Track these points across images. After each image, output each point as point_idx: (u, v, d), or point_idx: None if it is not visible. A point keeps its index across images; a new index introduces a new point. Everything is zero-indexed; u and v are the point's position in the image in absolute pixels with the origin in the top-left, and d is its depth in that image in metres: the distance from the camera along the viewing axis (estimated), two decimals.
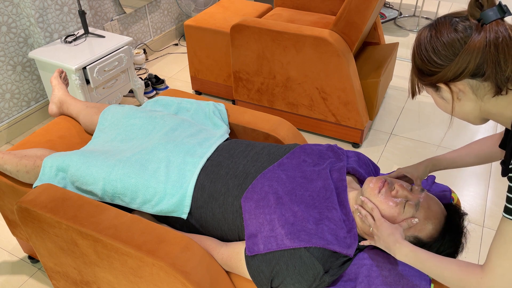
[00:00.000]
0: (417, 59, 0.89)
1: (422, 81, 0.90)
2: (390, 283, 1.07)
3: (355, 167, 1.33)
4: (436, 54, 0.84)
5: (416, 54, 0.89)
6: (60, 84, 1.83)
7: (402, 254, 1.02)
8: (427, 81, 0.89)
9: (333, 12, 2.86)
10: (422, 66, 0.88)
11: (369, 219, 1.11)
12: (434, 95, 0.92)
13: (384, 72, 2.40)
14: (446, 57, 0.83)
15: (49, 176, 1.39)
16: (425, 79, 0.89)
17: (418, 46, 0.88)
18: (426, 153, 2.44)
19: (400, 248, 1.03)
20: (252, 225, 1.15)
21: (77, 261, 1.31)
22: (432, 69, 0.86)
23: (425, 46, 0.86)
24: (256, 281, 1.13)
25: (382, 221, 1.08)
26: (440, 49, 0.84)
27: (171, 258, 1.10)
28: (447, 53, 0.83)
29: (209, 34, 2.68)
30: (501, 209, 2.08)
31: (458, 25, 0.83)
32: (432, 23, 0.89)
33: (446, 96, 0.89)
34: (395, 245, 1.04)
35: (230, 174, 1.28)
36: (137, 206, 1.30)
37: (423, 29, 0.90)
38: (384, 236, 1.06)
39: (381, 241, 1.07)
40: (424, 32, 0.88)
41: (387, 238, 1.06)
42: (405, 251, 1.01)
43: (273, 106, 2.59)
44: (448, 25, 0.84)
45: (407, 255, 1.01)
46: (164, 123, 1.48)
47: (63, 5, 2.51)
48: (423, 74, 0.89)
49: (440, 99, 0.91)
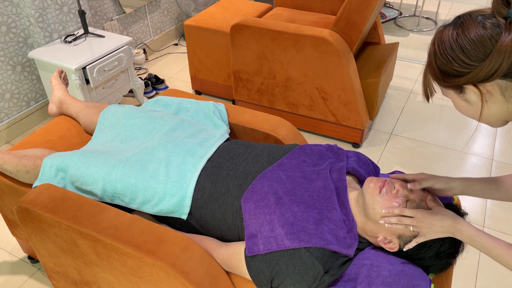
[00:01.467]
0: (440, 60, 0.83)
1: (446, 83, 0.84)
2: (390, 283, 1.07)
3: (355, 167, 1.33)
4: (465, 53, 0.79)
5: (438, 54, 0.83)
6: (60, 84, 1.82)
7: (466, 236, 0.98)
8: (452, 83, 0.83)
9: (333, 12, 2.86)
10: (446, 67, 0.82)
11: (404, 220, 1.06)
12: (457, 98, 0.87)
13: (384, 72, 2.40)
14: (477, 56, 0.78)
15: (49, 176, 1.39)
16: (450, 80, 0.83)
17: (441, 45, 0.82)
18: (426, 153, 2.44)
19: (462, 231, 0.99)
20: (252, 225, 1.15)
21: (77, 261, 1.31)
22: (460, 70, 0.80)
23: (451, 45, 0.81)
24: (256, 282, 1.13)
25: (420, 211, 1.04)
26: (470, 48, 0.79)
27: (171, 258, 1.10)
28: (477, 52, 0.78)
29: (209, 34, 2.68)
30: (501, 209, 2.08)
31: (486, 22, 0.79)
32: (455, 21, 0.83)
33: (471, 98, 0.84)
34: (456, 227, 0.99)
35: (230, 175, 1.28)
36: (137, 206, 1.30)
37: (444, 27, 0.84)
38: (437, 224, 1.01)
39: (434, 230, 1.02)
40: (447, 30, 0.83)
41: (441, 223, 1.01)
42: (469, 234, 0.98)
43: (273, 106, 2.59)
44: (475, 22, 0.80)
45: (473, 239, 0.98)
46: (164, 123, 1.48)
47: (63, 5, 2.51)
48: (448, 75, 0.83)
49: (463, 101, 0.86)
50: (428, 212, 1.03)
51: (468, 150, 2.46)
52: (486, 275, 1.80)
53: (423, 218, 1.03)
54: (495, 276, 1.79)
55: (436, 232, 1.02)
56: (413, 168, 2.33)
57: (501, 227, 1.99)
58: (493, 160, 2.38)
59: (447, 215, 1.02)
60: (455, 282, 1.77)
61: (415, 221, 1.04)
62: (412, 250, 1.11)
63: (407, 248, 1.09)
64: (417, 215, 1.04)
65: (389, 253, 1.15)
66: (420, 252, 1.11)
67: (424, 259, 1.12)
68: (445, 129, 2.63)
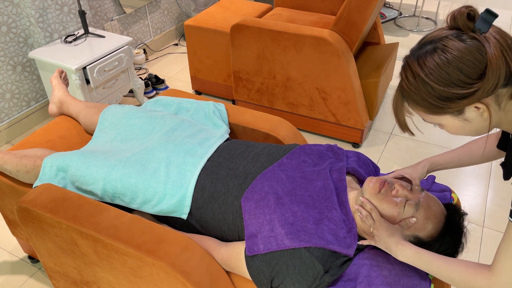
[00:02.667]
0: (438, 88, 0.80)
1: (448, 109, 0.81)
2: (390, 283, 1.07)
3: (354, 167, 1.33)
4: (464, 73, 0.77)
5: (433, 83, 0.80)
6: (60, 84, 1.83)
7: (405, 255, 1.02)
8: (454, 108, 0.80)
9: (333, 12, 2.86)
10: (446, 93, 0.79)
11: (369, 219, 1.11)
12: (453, 120, 0.84)
13: (384, 72, 2.40)
14: (475, 73, 0.77)
15: (49, 176, 1.39)
16: (453, 106, 0.80)
17: (433, 73, 0.80)
18: (426, 153, 2.44)
19: (402, 249, 1.03)
20: (252, 225, 1.15)
21: (77, 261, 1.31)
22: (463, 92, 0.78)
23: (446, 69, 0.79)
24: (256, 281, 1.13)
25: (382, 221, 1.08)
26: (466, 66, 0.77)
27: (171, 258, 1.10)
28: (475, 68, 0.77)
29: (209, 34, 2.69)
30: (501, 209, 2.08)
31: (463, 38, 0.79)
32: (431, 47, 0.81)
33: (471, 116, 0.82)
34: (397, 246, 1.04)
35: (230, 175, 1.28)
36: (137, 206, 1.30)
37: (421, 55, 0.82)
38: (384, 237, 1.06)
39: (382, 242, 1.07)
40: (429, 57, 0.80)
41: (388, 239, 1.06)
42: (407, 253, 1.02)
43: (273, 106, 2.59)
44: (455, 41, 0.79)
45: (410, 257, 1.01)
46: (164, 123, 1.48)
47: (63, 5, 2.51)
48: (450, 101, 0.80)
49: (460, 122, 0.84)
50: (386, 225, 1.07)
51: None
52: None
53: (380, 228, 1.08)
54: None
55: (381, 244, 1.08)
56: None
57: (501, 227, 1.99)
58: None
59: (396, 235, 1.06)
60: None
61: (374, 226, 1.09)
62: None
63: (361, 243, 1.14)
64: (376, 224, 1.08)
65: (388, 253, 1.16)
66: None
67: None
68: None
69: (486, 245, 1.91)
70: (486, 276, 0.88)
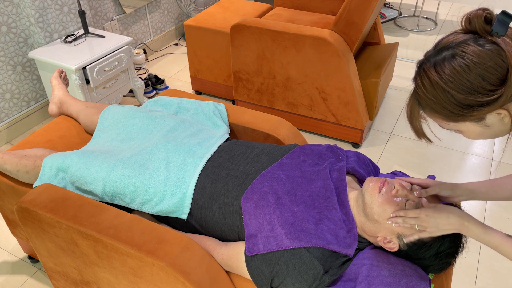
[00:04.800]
0: (457, 95, 0.77)
1: (470, 116, 0.78)
2: (390, 283, 1.07)
3: (354, 167, 1.33)
4: (486, 80, 0.75)
5: (454, 91, 0.77)
6: (60, 84, 1.83)
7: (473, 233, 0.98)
8: (476, 115, 0.78)
9: (333, 12, 2.86)
10: (468, 100, 0.77)
11: (409, 220, 1.05)
12: (473, 126, 0.82)
13: (384, 72, 2.40)
14: (498, 79, 0.75)
15: (49, 176, 1.39)
16: (474, 113, 0.78)
17: (452, 81, 0.77)
18: (426, 153, 2.44)
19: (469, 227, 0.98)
20: (252, 225, 1.15)
21: (77, 261, 1.31)
22: (485, 99, 0.76)
23: (467, 77, 0.76)
24: (256, 281, 1.14)
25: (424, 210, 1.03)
26: (488, 73, 0.75)
27: (171, 258, 1.10)
28: (497, 74, 0.75)
29: (209, 34, 2.69)
30: (501, 209, 2.08)
31: (481, 43, 0.76)
32: (449, 53, 0.78)
33: (491, 121, 0.80)
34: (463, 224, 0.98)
35: (230, 175, 1.28)
36: (137, 206, 1.30)
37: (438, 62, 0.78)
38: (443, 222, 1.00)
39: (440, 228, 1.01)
40: (447, 64, 0.78)
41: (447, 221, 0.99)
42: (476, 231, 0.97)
43: (273, 106, 2.59)
44: (474, 46, 0.76)
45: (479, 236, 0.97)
46: (164, 123, 1.48)
47: (63, 5, 2.51)
48: (472, 108, 0.77)
49: (480, 128, 0.82)
50: (432, 211, 1.02)
51: (468, 150, 2.46)
52: (486, 275, 1.80)
53: (427, 218, 1.02)
54: (495, 276, 1.79)
55: (442, 230, 1.02)
56: (413, 168, 2.33)
57: (501, 227, 1.99)
58: (493, 160, 2.38)
59: (453, 212, 1.00)
60: (455, 282, 1.77)
61: (418, 220, 1.04)
62: (411, 250, 1.11)
63: (408, 240, 1.08)
64: (420, 215, 1.03)
65: (389, 253, 1.16)
66: (420, 252, 1.11)
67: (423, 259, 1.12)
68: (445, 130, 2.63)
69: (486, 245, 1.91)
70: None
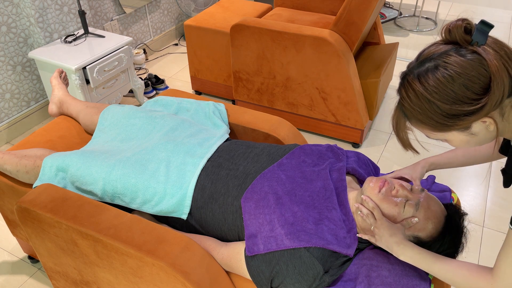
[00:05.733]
0: (443, 106, 0.78)
1: (456, 125, 0.79)
2: (390, 283, 1.07)
3: (354, 167, 1.33)
4: (470, 89, 0.76)
5: (438, 102, 0.78)
6: (60, 84, 1.83)
7: (406, 256, 1.03)
8: (461, 124, 0.79)
9: (333, 12, 2.86)
10: (454, 110, 0.77)
11: (370, 218, 1.11)
12: (459, 135, 0.83)
13: (384, 72, 2.40)
14: (481, 88, 0.76)
15: (49, 176, 1.39)
16: (460, 123, 0.79)
17: (436, 92, 0.77)
18: (426, 153, 2.44)
19: (404, 249, 1.03)
20: (252, 225, 1.15)
21: (77, 261, 1.31)
22: (470, 108, 0.76)
23: (451, 87, 0.77)
24: (256, 281, 1.13)
25: (384, 220, 1.08)
26: (472, 83, 0.76)
27: (171, 258, 1.10)
28: (480, 83, 0.75)
29: (209, 34, 2.68)
30: (501, 209, 2.08)
31: (463, 53, 0.77)
32: (431, 64, 0.79)
33: (477, 129, 0.81)
34: (399, 246, 1.04)
35: (230, 175, 1.28)
36: (137, 206, 1.30)
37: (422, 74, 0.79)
38: (386, 237, 1.06)
39: (383, 241, 1.07)
40: (430, 75, 0.78)
41: (389, 238, 1.05)
42: (409, 253, 1.02)
43: (273, 106, 2.59)
44: (456, 57, 0.77)
45: (412, 257, 1.02)
46: (164, 123, 1.48)
47: (63, 5, 2.51)
48: (458, 118, 0.78)
49: (467, 136, 0.83)
50: (388, 224, 1.07)
51: None
52: None
53: (381, 226, 1.07)
54: None
55: (382, 243, 1.08)
56: None
57: (501, 227, 1.99)
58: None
59: (397, 235, 1.06)
60: None
61: (375, 224, 1.09)
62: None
63: (360, 236, 1.14)
64: (378, 222, 1.08)
65: (388, 253, 1.16)
66: None
67: None
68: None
69: (486, 245, 1.91)
70: (488, 281, 0.89)
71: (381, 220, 1.08)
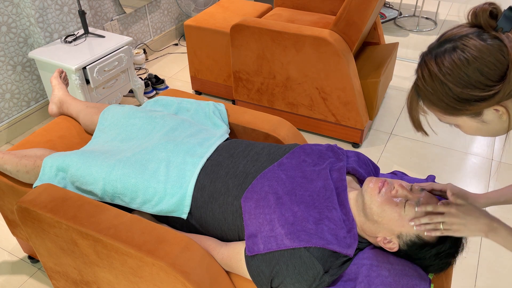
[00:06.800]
0: (455, 88, 0.77)
1: (465, 111, 0.78)
2: (390, 283, 1.07)
3: (355, 167, 1.33)
4: (484, 75, 0.74)
5: (451, 84, 0.77)
6: (60, 84, 1.83)
7: (501, 236, 0.94)
8: (472, 110, 0.77)
9: (333, 12, 2.86)
10: (465, 94, 0.76)
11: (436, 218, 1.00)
12: (470, 122, 0.81)
13: (384, 72, 2.40)
14: (496, 75, 0.74)
15: (49, 176, 1.39)
16: (471, 108, 0.77)
17: (450, 74, 0.77)
18: (426, 153, 2.44)
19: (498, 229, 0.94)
20: (252, 225, 1.15)
21: (77, 261, 1.31)
22: (482, 94, 0.75)
23: (465, 71, 0.75)
24: (256, 281, 1.13)
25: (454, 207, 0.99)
26: (487, 68, 0.74)
27: (171, 258, 1.10)
28: (496, 70, 0.74)
29: (209, 34, 2.69)
30: (501, 209, 2.08)
31: (484, 37, 0.75)
32: (450, 45, 0.78)
33: (489, 118, 0.79)
34: (492, 226, 0.95)
35: (230, 174, 1.28)
36: (137, 206, 1.30)
37: (440, 54, 0.78)
38: (472, 221, 0.96)
39: (468, 227, 0.97)
40: (447, 56, 0.77)
41: (477, 220, 0.96)
42: (504, 234, 0.94)
43: (273, 106, 2.59)
44: (475, 40, 0.75)
45: (506, 239, 0.94)
46: (164, 123, 1.49)
47: (63, 5, 2.51)
48: (468, 102, 0.77)
49: (477, 123, 0.81)
50: (462, 209, 0.98)
51: (468, 150, 2.46)
52: (486, 275, 1.80)
53: (456, 214, 0.97)
54: (495, 276, 1.79)
55: (469, 230, 0.97)
56: (413, 168, 2.33)
57: None
58: (493, 160, 2.38)
59: (483, 213, 0.97)
60: (455, 282, 1.77)
61: (446, 217, 0.98)
62: (411, 250, 1.11)
63: (429, 236, 1.04)
64: (450, 210, 0.98)
65: (388, 253, 1.16)
66: (420, 252, 1.11)
67: (423, 259, 1.12)
68: (445, 129, 2.63)
69: (486, 245, 1.91)
70: None
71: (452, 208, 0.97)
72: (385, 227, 1.11)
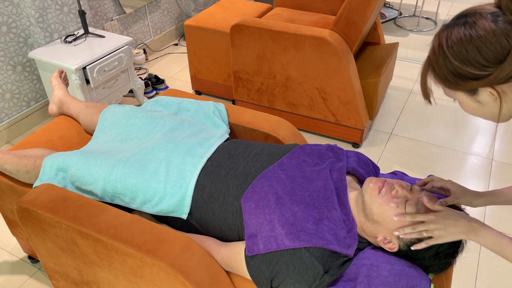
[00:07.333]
0: (453, 63, 0.78)
1: (459, 85, 0.80)
2: (390, 283, 1.07)
3: (355, 167, 1.33)
4: (482, 54, 0.75)
5: (451, 56, 0.78)
6: (60, 84, 1.83)
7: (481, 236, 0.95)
8: (467, 86, 0.79)
9: (333, 12, 2.86)
10: (461, 70, 0.78)
11: (418, 227, 1.02)
12: (466, 99, 0.83)
13: (384, 72, 2.40)
14: (495, 57, 0.74)
15: (49, 176, 1.39)
16: (465, 84, 0.79)
17: (454, 47, 0.77)
18: (426, 153, 2.44)
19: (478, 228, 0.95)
20: (252, 225, 1.15)
21: (77, 261, 1.31)
22: (477, 73, 0.76)
23: (466, 47, 0.76)
24: (256, 281, 1.14)
25: (432, 214, 1.00)
26: (487, 49, 0.74)
27: (171, 258, 1.10)
28: (495, 53, 0.74)
29: (209, 34, 2.69)
30: (501, 209, 2.08)
31: (498, 20, 0.75)
32: (463, 20, 0.78)
33: (485, 99, 0.80)
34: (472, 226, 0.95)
35: (230, 175, 1.28)
36: (137, 206, 1.30)
37: (449, 27, 0.79)
38: (451, 224, 0.97)
39: (448, 231, 0.98)
40: (456, 30, 0.78)
41: (456, 223, 0.96)
42: (485, 233, 0.94)
43: (273, 106, 2.59)
44: (487, 21, 0.75)
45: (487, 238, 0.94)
46: (164, 123, 1.49)
47: (63, 5, 2.51)
48: (463, 78, 0.78)
49: (474, 103, 0.82)
50: (440, 214, 1.00)
51: (468, 150, 2.46)
52: (486, 275, 1.80)
53: (435, 220, 1.00)
54: (495, 276, 1.79)
55: (450, 234, 0.98)
56: (413, 168, 2.33)
57: (501, 227, 1.99)
58: (493, 160, 2.38)
59: (462, 215, 0.98)
60: (455, 282, 1.77)
61: (427, 224, 1.01)
62: (411, 251, 1.11)
63: (416, 248, 1.05)
64: (429, 217, 1.01)
65: (388, 253, 1.15)
66: (420, 252, 1.11)
67: (423, 259, 1.12)
68: (445, 129, 2.63)
69: None
70: None
71: (431, 215, 0.99)
72: (385, 227, 1.11)
